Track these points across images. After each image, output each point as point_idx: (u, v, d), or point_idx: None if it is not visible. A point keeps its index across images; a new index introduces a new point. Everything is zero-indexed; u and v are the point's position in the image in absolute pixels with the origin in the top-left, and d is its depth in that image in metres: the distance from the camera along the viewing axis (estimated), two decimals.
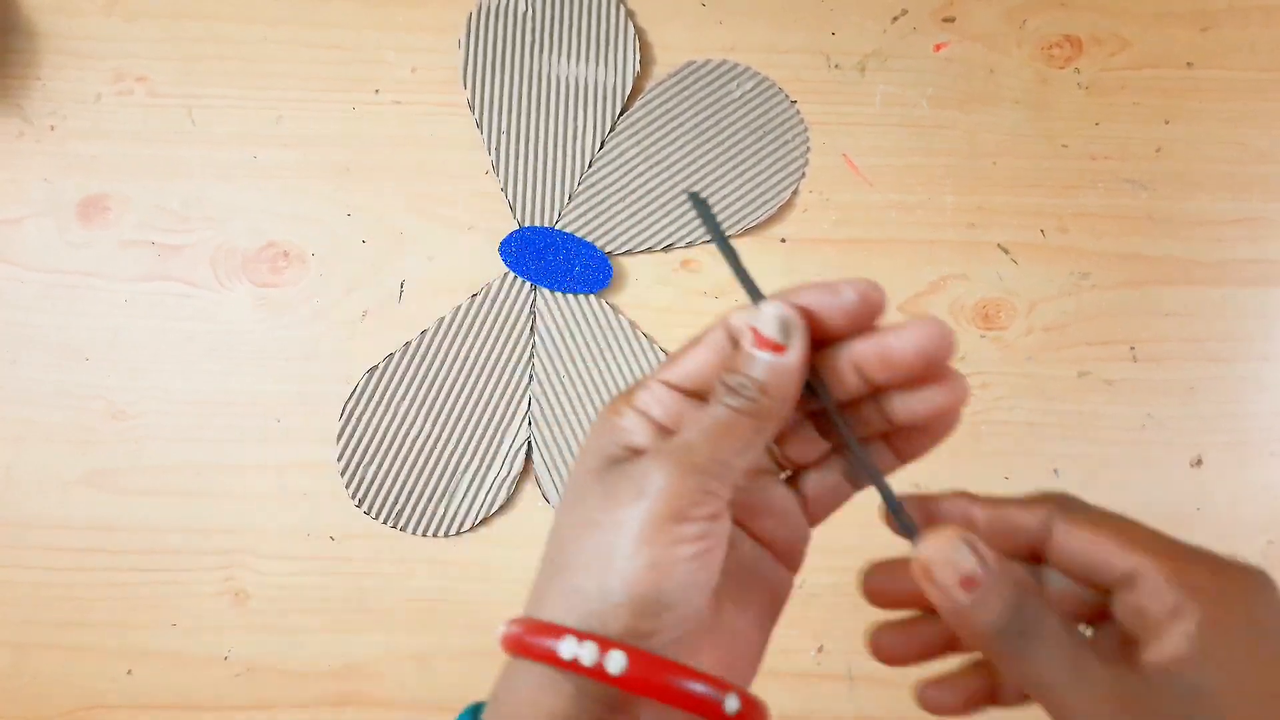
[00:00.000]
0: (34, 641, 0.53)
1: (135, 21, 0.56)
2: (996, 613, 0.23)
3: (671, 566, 0.23)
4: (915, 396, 0.26)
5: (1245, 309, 0.55)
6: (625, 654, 0.22)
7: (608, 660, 0.22)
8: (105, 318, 0.55)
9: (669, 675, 0.23)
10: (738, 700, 0.24)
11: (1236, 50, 0.57)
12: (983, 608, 0.23)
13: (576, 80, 0.56)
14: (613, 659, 0.22)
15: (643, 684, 0.23)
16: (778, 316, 0.24)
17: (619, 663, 0.22)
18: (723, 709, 0.23)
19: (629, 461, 0.24)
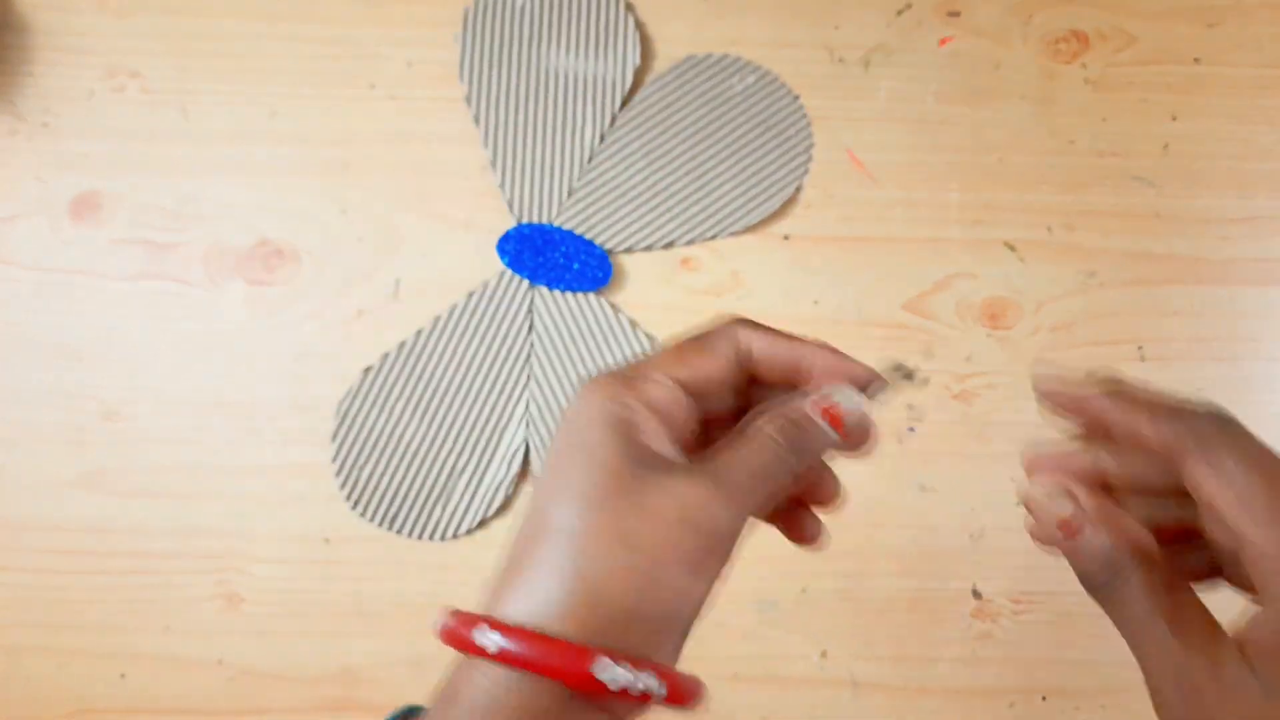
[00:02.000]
0: (26, 645, 0.53)
1: (128, 17, 0.56)
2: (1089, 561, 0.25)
3: (700, 596, 0.24)
4: None
5: (1253, 308, 0.55)
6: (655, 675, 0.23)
7: (639, 683, 0.23)
8: (98, 316, 0.54)
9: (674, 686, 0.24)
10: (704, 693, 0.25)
11: (1243, 46, 0.56)
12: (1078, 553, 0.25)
13: (575, 75, 0.55)
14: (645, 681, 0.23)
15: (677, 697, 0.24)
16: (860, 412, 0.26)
17: (650, 686, 0.23)
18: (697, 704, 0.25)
19: (656, 470, 0.24)
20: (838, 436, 0.26)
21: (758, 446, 0.25)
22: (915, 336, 0.54)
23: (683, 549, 0.23)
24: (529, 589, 0.24)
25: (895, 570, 0.52)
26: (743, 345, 0.27)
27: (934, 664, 0.52)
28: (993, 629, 0.52)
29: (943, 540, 0.53)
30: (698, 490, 0.24)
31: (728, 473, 0.24)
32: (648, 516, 0.23)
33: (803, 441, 0.25)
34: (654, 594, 0.23)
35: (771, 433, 0.25)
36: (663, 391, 0.26)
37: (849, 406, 0.26)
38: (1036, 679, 0.52)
